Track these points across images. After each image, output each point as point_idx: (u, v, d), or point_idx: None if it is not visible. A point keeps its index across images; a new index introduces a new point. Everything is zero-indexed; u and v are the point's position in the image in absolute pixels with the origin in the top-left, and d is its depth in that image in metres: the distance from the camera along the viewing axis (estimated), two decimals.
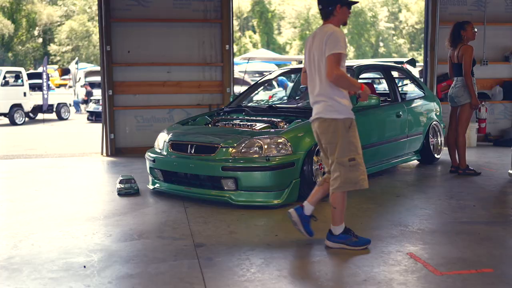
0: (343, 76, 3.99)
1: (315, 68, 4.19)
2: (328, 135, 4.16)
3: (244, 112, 6.76)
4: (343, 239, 4.21)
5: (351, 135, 4.14)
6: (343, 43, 4.01)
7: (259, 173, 5.43)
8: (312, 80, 4.25)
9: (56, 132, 15.42)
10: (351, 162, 4.13)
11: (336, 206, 4.23)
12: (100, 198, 6.09)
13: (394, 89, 7.49)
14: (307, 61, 4.31)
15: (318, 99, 4.19)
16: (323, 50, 4.06)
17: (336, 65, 3.98)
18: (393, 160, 7.25)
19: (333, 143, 4.15)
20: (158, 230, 4.78)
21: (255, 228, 4.80)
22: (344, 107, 4.11)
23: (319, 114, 4.19)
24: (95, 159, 9.06)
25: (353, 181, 4.16)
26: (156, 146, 6.39)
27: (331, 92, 4.09)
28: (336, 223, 4.25)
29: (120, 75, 9.35)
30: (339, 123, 4.11)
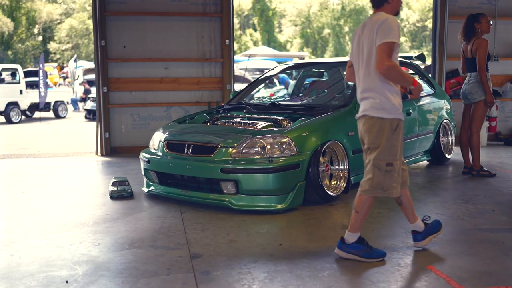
0: (394, 68, 3.58)
1: (363, 61, 3.82)
2: (372, 134, 3.78)
3: (245, 109, 6.36)
4: (356, 249, 3.81)
5: (395, 138, 3.76)
6: (396, 32, 3.63)
7: (261, 175, 5.02)
8: (360, 74, 3.87)
9: (52, 130, 15.02)
10: (388, 167, 3.75)
11: (359, 210, 3.84)
12: (91, 201, 5.69)
13: None
14: (355, 53, 3.92)
15: (365, 95, 3.81)
16: (373, 39, 3.68)
17: (388, 55, 3.59)
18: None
19: (375, 144, 3.76)
20: (152, 238, 4.38)
21: (257, 236, 4.39)
22: (393, 105, 3.72)
23: (365, 112, 3.81)
24: (89, 159, 8.66)
25: (384, 188, 3.78)
26: (151, 146, 5.99)
27: (381, 87, 3.71)
28: (353, 229, 3.85)
29: (115, 71, 8.95)
30: (385, 123, 3.72)
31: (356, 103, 5.97)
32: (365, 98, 3.81)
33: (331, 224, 4.80)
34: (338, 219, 4.99)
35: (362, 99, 3.85)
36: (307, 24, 55.15)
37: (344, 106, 5.97)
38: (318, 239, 4.29)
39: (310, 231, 4.53)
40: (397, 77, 3.63)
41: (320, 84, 7.21)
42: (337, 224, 4.80)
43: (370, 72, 3.74)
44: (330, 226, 4.72)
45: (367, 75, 3.77)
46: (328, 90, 6.81)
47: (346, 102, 6.06)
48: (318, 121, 5.60)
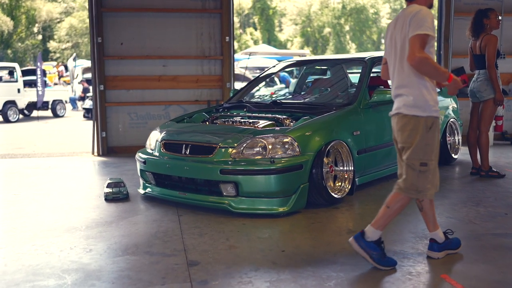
0: (426, 60, 3.35)
1: (396, 56, 3.60)
2: (405, 133, 3.56)
3: (246, 108, 6.12)
4: (371, 249, 3.58)
5: (431, 136, 3.53)
6: (430, 24, 3.40)
7: (262, 177, 4.79)
8: (394, 70, 3.64)
9: (49, 129, 14.77)
10: (422, 167, 3.53)
11: (390, 206, 3.63)
12: (85, 204, 5.45)
13: None
14: (388, 48, 3.71)
15: (399, 92, 3.59)
16: (406, 32, 3.47)
17: (420, 47, 3.37)
18: None
19: (408, 143, 3.54)
20: (147, 243, 4.14)
21: (258, 242, 4.15)
22: (428, 102, 3.50)
23: (398, 110, 3.60)
24: (85, 159, 8.42)
25: (418, 189, 3.56)
26: (148, 146, 5.75)
27: (416, 83, 3.50)
28: (378, 225, 3.63)
29: (112, 69, 8.70)
30: (420, 121, 3.51)
31: (361, 101, 5.76)
32: (398, 95, 3.60)
33: (336, 228, 4.56)
34: (344, 223, 4.75)
35: (396, 96, 3.64)
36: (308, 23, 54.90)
37: (349, 104, 5.74)
38: (323, 245, 4.05)
39: (314, 236, 4.30)
40: (429, 70, 3.40)
41: (323, 82, 6.97)
42: (342, 228, 4.56)
43: (404, 68, 3.53)
44: (336, 230, 4.48)
45: (401, 71, 3.56)
46: (331, 88, 6.57)
47: (351, 100, 5.82)
48: (321, 120, 5.36)
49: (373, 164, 5.87)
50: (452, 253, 3.79)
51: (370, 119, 5.81)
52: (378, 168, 6.01)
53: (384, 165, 6.12)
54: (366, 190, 5.84)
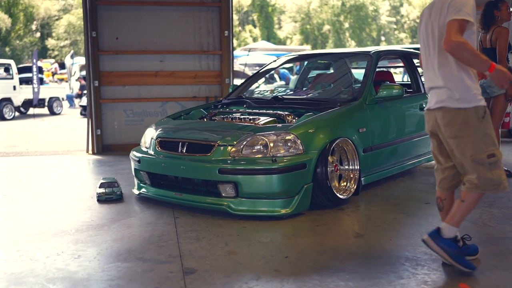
0: (464, 45, 3.07)
1: (434, 44, 3.33)
2: (455, 127, 3.29)
3: (246, 104, 5.84)
4: (449, 247, 3.32)
5: (486, 126, 3.27)
6: (469, 10, 3.14)
7: (263, 176, 4.50)
8: (430, 60, 3.37)
9: (45, 127, 14.46)
10: (490, 158, 3.26)
11: (465, 199, 3.33)
12: (76, 205, 5.17)
13: (417, 78, 6.55)
14: (423, 37, 3.43)
15: (438, 84, 3.32)
16: (444, 17, 3.21)
17: (457, 32, 3.10)
18: (415, 160, 6.33)
19: (461, 138, 3.27)
20: (140, 249, 3.85)
21: (259, 247, 3.87)
22: (472, 92, 3.24)
23: (442, 103, 3.32)
24: (80, 157, 8.13)
25: (495, 182, 3.27)
26: (143, 143, 5.47)
27: (458, 73, 3.24)
28: (453, 222, 3.35)
29: (107, 64, 8.41)
30: (469, 112, 3.25)
31: (367, 97, 5.47)
32: (438, 87, 3.32)
33: (342, 231, 4.28)
34: (350, 225, 4.47)
35: (433, 87, 3.36)
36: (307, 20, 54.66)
37: (354, 100, 5.45)
38: (329, 250, 3.77)
39: (319, 240, 4.01)
40: (467, 56, 3.11)
41: (326, 77, 6.68)
42: (349, 231, 4.28)
43: (447, 57, 3.25)
44: (342, 234, 4.20)
45: (442, 61, 3.29)
46: (335, 84, 6.28)
47: (356, 95, 5.54)
48: (326, 116, 5.08)
49: (379, 162, 5.60)
50: (470, 259, 3.50)
51: (377, 115, 5.53)
52: (384, 167, 5.73)
53: (391, 164, 5.84)
54: (373, 190, 5.57)
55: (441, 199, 3.48)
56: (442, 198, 3.48)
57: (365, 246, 3.85)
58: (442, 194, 3.51)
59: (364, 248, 3.80)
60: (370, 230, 4.24)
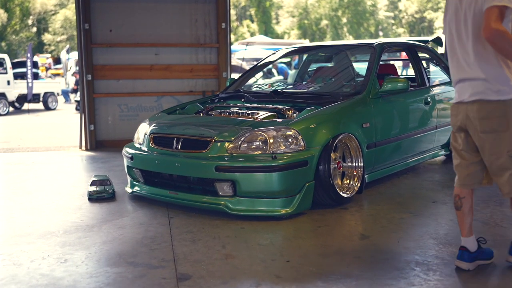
0: (504, 34, 2.83)
1: (467, 33, 3.07)
2: (492, 121, 3.06)
3: (244, 98, 5.59)
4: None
5: None
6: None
7: (263, 174, 4.26)
8: (462, 49, 3.10)
9: (39, 123, 14.19)
10: None
11: None
12: (66, 204, 4.92)
13: (421, 71, 6.30)
14: (452, 25, 3.15)
15: (473, 75, 3.07)
16: (480, 4, 2.96)
17: (497, 19, 2.86)
18: (419, 156, 6.09)
19: (498, 132, 3.04)
20: (131, 252, 3.61)
21: (259, 250, 3.62)
22: (509, 82, 3.02)
23: (479, 95, 3.08)
24: (72, 153, 7.88)
25: None
26: (136, 139, 5.22)
27: (497, 63, 3.00)
28: None
29: (100, 57, 8.14)
30: (508, 105, 3.03)
31: (371, 91, 5.23)
32: (473, 79, 3.07)
33: (347, 232, 4.04)
34: (354, 226, 4.23)
35: (469, 79, 3.10)
36: (305, 15, 54.45)
37: (357, 93, 5.21)
38: (333, 253, 3.53)
39: (322, 242, 3.77)
40: (506, 46, 2.86)
41: (327, 70, 6.43)
42: (354, 232, 4.03)
43: (485, 46, 3.01)
44: (346, 235, 3.95)
45: (479, 50, 3.04)
46: (336, 77, 6.03)
47: (359, 89, 5.29)
48: (328, 111, 4.83)
49: (383, 159, 5.36)
50: (484, 264, 3.27)
51: (381, 110, 5.29)
52: (388, 164, 5.50)
53: (395, 161, 5.60)
54: (376, 188, 5.33)
55: (460, 197, 3.24)
56: (461, 196, 3.23)
57: (372, 248, 3.61)
58: (461, 191, 3.26)
59: (371, 251, 3.56)
60: (376, 231, 4.00)
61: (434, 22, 54.10)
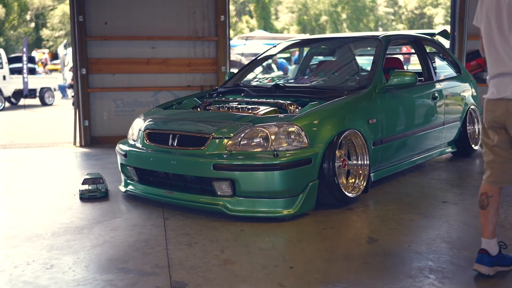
0: None
1: (510, 22, 2.82)
2: None
3: (243, 92, 5.34)
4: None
5: None
6: None
7: (264, 173, 4.01)
8: (503, 40, 2.85)
9: (34, 118, 13.93)
10: None
11: None
12: (56, 204, 4.67)
13: (428, 65, 6.05)
14: (493, 13, 2.90)
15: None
16: None
17: None
18: (427, 153, 5.85)
19: None
20: (123, 257, 3.36)
21: (260, 255, 3.37)
22: None
23: None
24: (66, 150, 7.62)
25: None
26: (130, 136, 4.97)
27: None
28: None
29: (95, 50, 7.88)
30: None
31: (377, 85, 4.98)
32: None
33: (353, 236, 3.79)
34: (361, 228, 3.98)
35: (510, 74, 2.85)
36: (304, 11, 54.16)
37: (363, 88, 4.95)
38: (340, 259, 3.28)
39: (328, 246, 3.52)
40: None
41: (331, 64, 6.17)
42: (361, 235, 3.78)
43: None
44: (353, 238, 3.70)
45: None
46: (340, 70, 5.77)
47: (365, 83, 5.04)
48: (332, 105, 4.58)
49: (390, 157, 5.11)
50: (503, 270, 3.02)
51: (387, 105, 5.04)
52: (395, 162, 5.26)
53: (402, 158, 5.36)
54: (382, 187, 5.08)
55: (487, 196, 2.98)
56: (489, 194, 2.98)
57: (381, 253, 3.37)
58: (491, 189, 2.99)
59: (380, 256, 3.31)
60: (385, 234, 3.76)
61: (434, 18, 53.85)
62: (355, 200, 4.51)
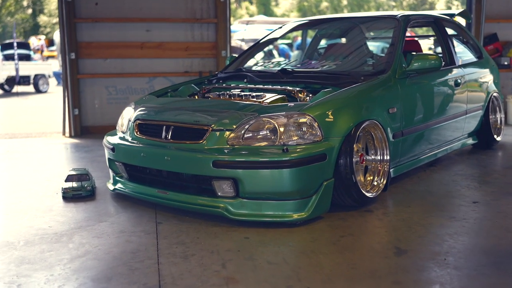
0: None
1: None
2: None
3: (246, 78, 4.78)
4: None
5: None
6: None
7: (271, 171, 3.44)
8: None
9: (26, 106, 13.36)
10: None
11: None
12: (34, 204, 4.12)
13: (450, 48, 5.49)
14: None
15: None
16: None
17: None
18: (448, 146, 5.31)
19: None
20: (105, 273, 2.82)
21: (268, 271, 2.83)
22: None
23: None
24: (54, 141, 7.07)
25: None
26: (119, 127, 4.41)
27: None
28: None
29: (85, 33, 7.33)
30: None
31: (397, 70, 4.43)
32: None
33: (378, 245, 3.23)
34: (386, 235, 3.42)
35: None
36: None
37: (381, 72, 4.40)
38: (365, 276, 2.74)
39: (349, 259, 2.97)
40: None
41: (342, 47, 5.61)
42: (386, 245, 3.22)
43: None
44: (378, 249, 3.15)
45: None
46: (353, 54, 5.21)
47: (383, 67, 4.48)
48: (348, 93, 4.02)
49: (410, 150, 4.58)
50: None
51: (408, 92, 4.49)
52: (415, 156, 4.72)
53: (422, 151, 4.82)
54: (402, 184, 4.55)
55: None
56: None
57: (413, 269, 2.82)
58: None
59: (413, 273, 2.77)
60: (414, 242, 3.21)
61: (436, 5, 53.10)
62: (374, 200, 3.97)
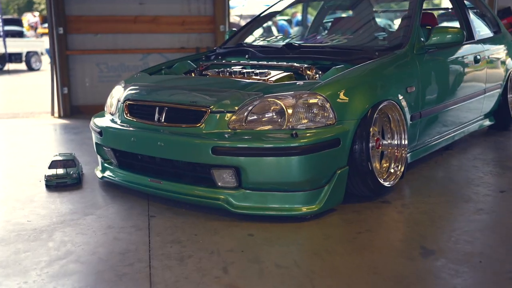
0: None
1: None
2: None
3: (248, 54, 4.35)
4: None
5: None
6: None
7: (278, 159, 3.04)
8: None
9: (16, 84, 12.90)
10: None
11: None
12: (14, 194, 3.72)
13: (468, 22, 5.06)
14: None
15: None
16: None
17: None
18: (465, 127, 4.91)
19: None
20: (87, 281, 2.42)
21: (277, 276, 2.44)
22: None
23: None
24: (42, 121, 6.66)
25: None
26: (108, 107, 4.00)
27: None
28: None
29: (75, 7, 6.90)
30: None
31: (415, 44, 4.01)
32: None
33: (400, 244, 2.84)
34: (407, 232, 3.03)
35: None
36: None
37: (398, 47, 3.97)
38: (389, 283, 2.35)
39: (369, 261, 2.58)
40: None
41: (351, 21, 5.17)
42: (410, 244, 2.82)
43: None
44: (401, 249, 2.76)
45: None
46: (364, 27, 4.79)
47: (400, 42, 4.05)
48: (362, 70, 3.61)
49: (429, 133, 4.18)
50: None
51: (427, 69, 4.08)
52: (433, 139, 4.32)
53: (440, 134, 4.42)
54: (418, 170, 4.16)
55: None
56: None
57: (447, 275, 2.43)
58: None
59: (448, 280, 2.38)
60: (441, 241, 2.83)
61: None
62: (391, 190, 3.58)
